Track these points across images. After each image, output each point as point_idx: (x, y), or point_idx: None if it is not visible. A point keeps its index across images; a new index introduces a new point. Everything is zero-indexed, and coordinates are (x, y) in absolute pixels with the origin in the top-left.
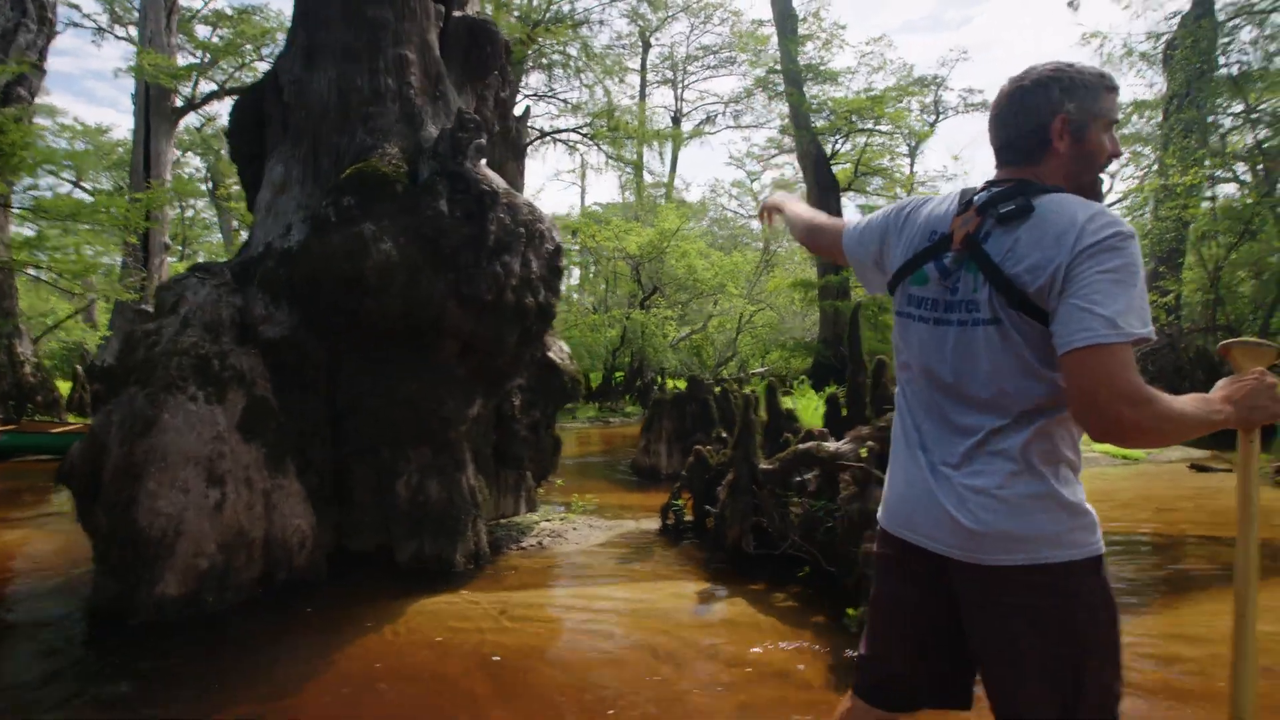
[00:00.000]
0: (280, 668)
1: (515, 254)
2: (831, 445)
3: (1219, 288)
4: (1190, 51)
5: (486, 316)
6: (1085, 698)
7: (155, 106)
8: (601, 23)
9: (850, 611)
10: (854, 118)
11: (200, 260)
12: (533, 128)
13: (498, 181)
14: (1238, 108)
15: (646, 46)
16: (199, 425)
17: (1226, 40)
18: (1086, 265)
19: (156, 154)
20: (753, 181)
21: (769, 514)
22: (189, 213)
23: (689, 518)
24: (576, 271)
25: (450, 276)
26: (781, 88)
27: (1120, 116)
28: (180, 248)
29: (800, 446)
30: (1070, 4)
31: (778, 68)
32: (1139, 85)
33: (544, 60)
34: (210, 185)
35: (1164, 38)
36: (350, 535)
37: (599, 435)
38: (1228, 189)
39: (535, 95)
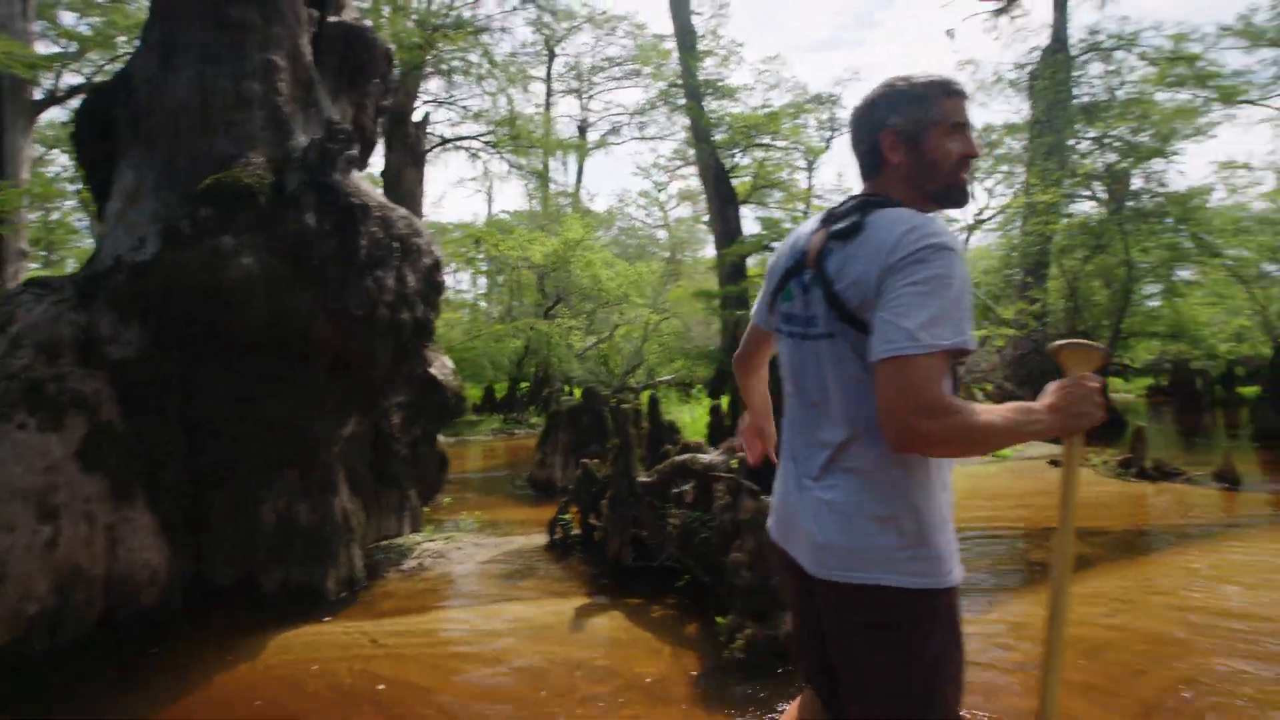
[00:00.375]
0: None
1: (389, 268)
2: (705, 457)
3: (1077, 297)
4: (1049, 81)
5: (359, 332)
6: None
7: (10, 98)
8: (504, 30)
9: (719, 620)
10: (751, 133)
11: (71, 268)
12: (433, 134)
13: (372, 194)
14: (1092, 133)
15: (552, 56)
16: (29, 456)
17: (1079, 73)
18: (896, 278)
19: (12, 150)
20: (659, 191)
21: (648, 526)
22: (55, 215)
23: (576, 532)
24: (483, 281)
25: (318, 291)
26: (682, 101)
27: (969, 119)
28: (44, 254)
29: (676, 459)
30: (948, 32)
31: (679, 82)
32: (1008, 111)
33: (443, 66)
34: (80, 186)
35: (1028, 68)
36: (211, 566)
37: (504, 448)
38: (1086, 206)
39: (436, 102)
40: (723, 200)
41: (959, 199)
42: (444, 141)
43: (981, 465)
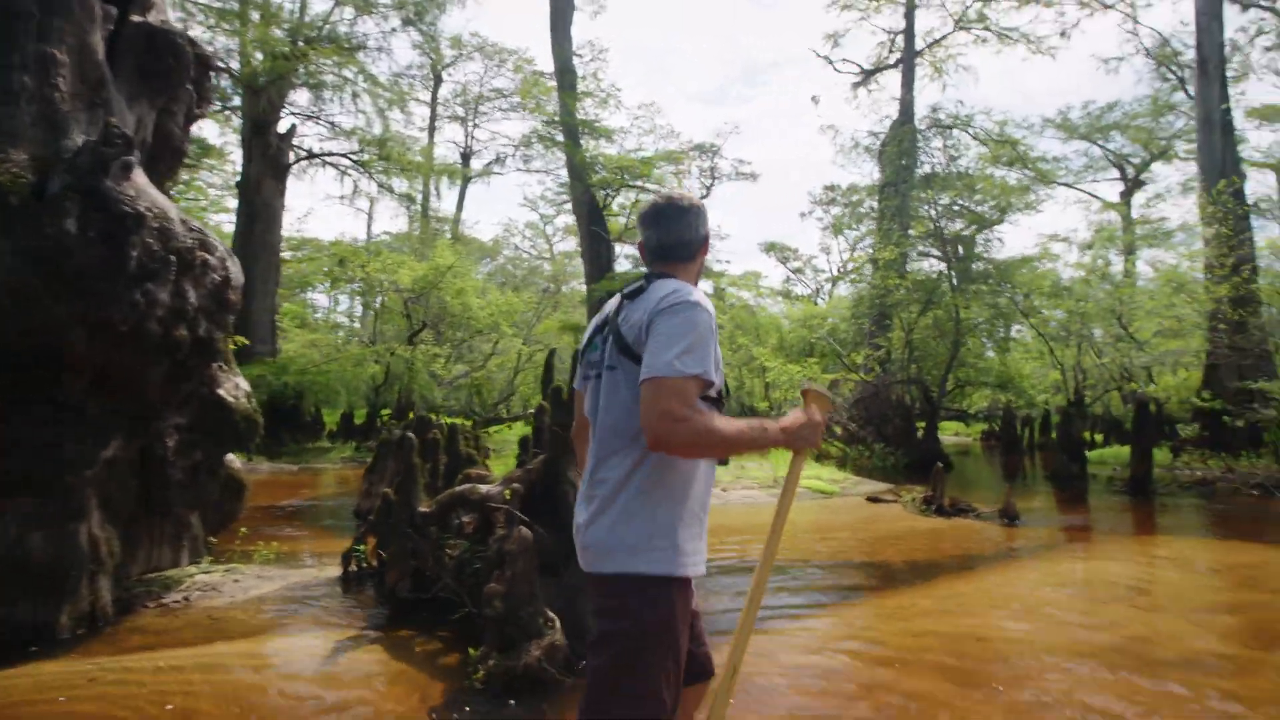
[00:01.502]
0: None
1: (164, 282)
2: (485, 488)
3: (912, 346)
4: (896, 150)
5: (124, 348)
6: (616, 702)
7: None
8: (382, 50)
9: (472, 651)
10: (624, 174)
11: None
12: (300, 148)
13: (152, 204)
14: (944, 199)
15: (438, 80)
16: None
17: (922, 144)
18: (659, 322)
19: None
20: (545, 225)
21: (425, 557)
22: None
23: (373, 563)
24: (351, 304)
25: (78, 303)
26: (560, 138)
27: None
28: None
29: (456, 489)
30: (813, 98)
31: (556, 119)
32: (861, 175)
33: (313, 80)
34: None
35: (880, 136)
36: None
37: (355, 476)
38: (926, 264)
39: (304, 115)
40: (595, 237)
41: (697, 279)
42: (310, 156)
43: (810, 500)
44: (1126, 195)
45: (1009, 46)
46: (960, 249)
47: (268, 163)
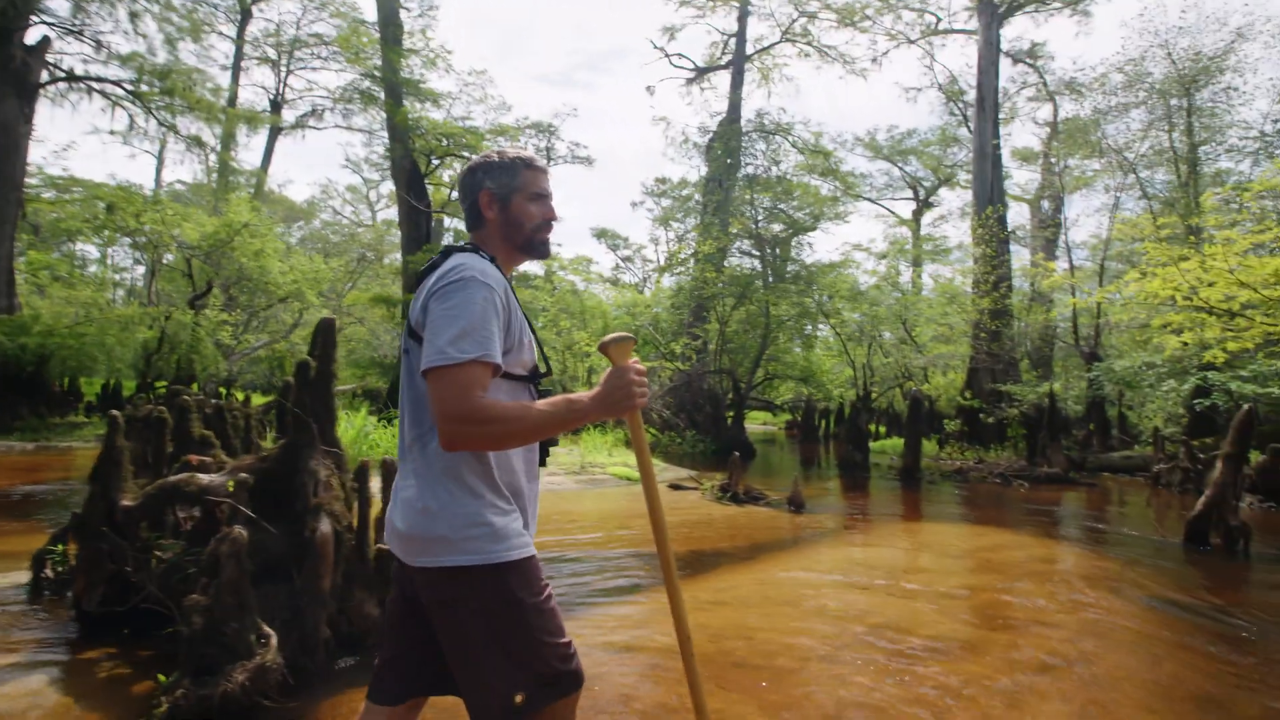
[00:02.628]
0: None
1: None
2: (206, 477)
3: (726, 338)
4: (723, 148)
5: None
6: (491, 694)
7: None
8: None
9: (162, 678)
10: (448, 141)
11: None
12: (58, 67)
13: None
14: (767, 202)
15: (246, 14)
16: None
17: (747, 146)
18: (433, 305)
19: None
20: (368, 190)
21: (128, 560)
22: None
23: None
24: (128, 258)
25: None
26: (381, 95)
27: (549, 190)
28: None
29: (169, 479)
30: (648, 88)
31: (378, 74)
32: (690, 169)
33: None
34: None
35: (710, 133)
36: None
37: None
38: (744, 261)
39: (64, 29)
40: (414, 205)
41: (542, 252)
42: (71, 78)
43: (615, 487)
44: (918, 214)
45: (828, 64)
46: (777, 250)
47: (8, 77)
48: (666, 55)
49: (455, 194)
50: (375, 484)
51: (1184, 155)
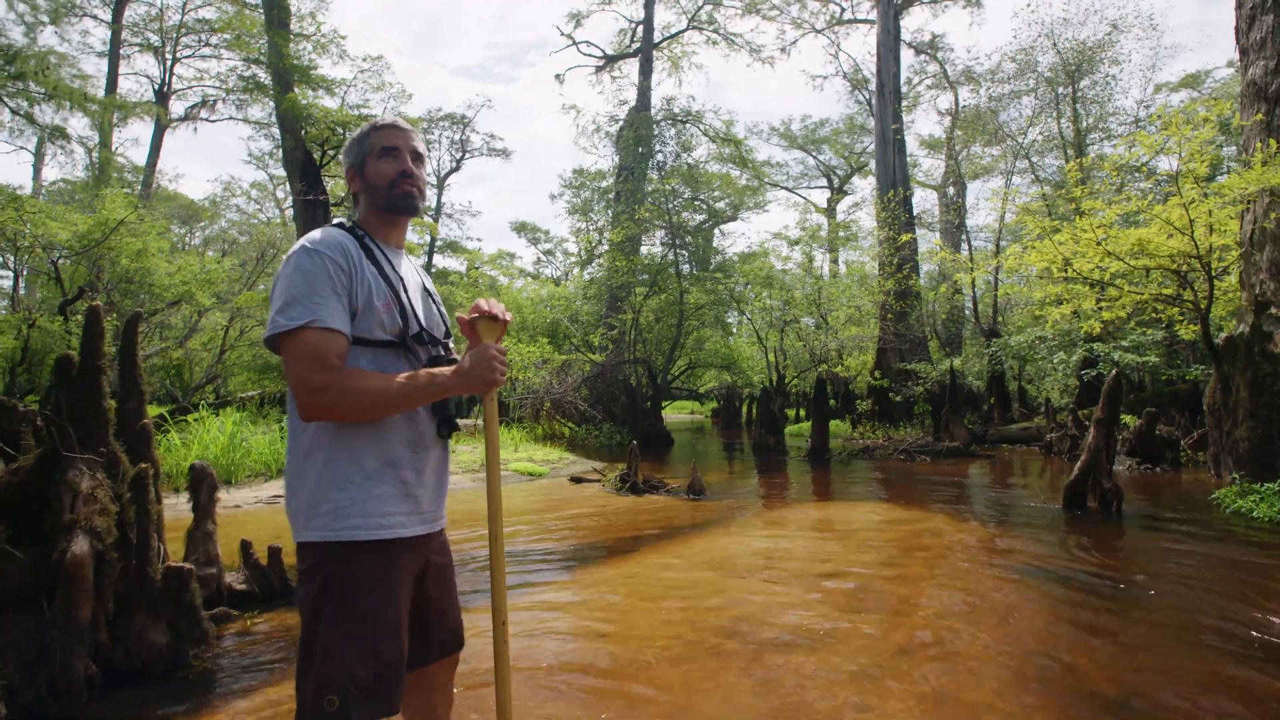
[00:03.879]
0: None
1: None
2: None
3: (640, 327)
4: (633, 136)
5: None
6: (310, 676)
7: None
8: None
9: None
10: (344, 131)
11: None
12: None
13: None
14: (681, 191)
15: None
16: None
17: (657, 134)
18: (277, 279)
19: None
20: (276, 187)
21: None
22: None
23: None
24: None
25: None
26: (269, 82)
27: (400, 144)
28: None
29: None
30: (557, 77)
31: (263, 60)
32: (602, 158)
33: None
34: None
35: (619, 121)
36: None
37: None
38: (657, 249)
39: None
40: (309, 200)
41: (404, 205)
42: None
43: (516, 484)
44: (832, 202)
45: (736, 52)
46: (695, 240)
47: None
48: (575, 43)
49: None
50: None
51: (1071, 141)
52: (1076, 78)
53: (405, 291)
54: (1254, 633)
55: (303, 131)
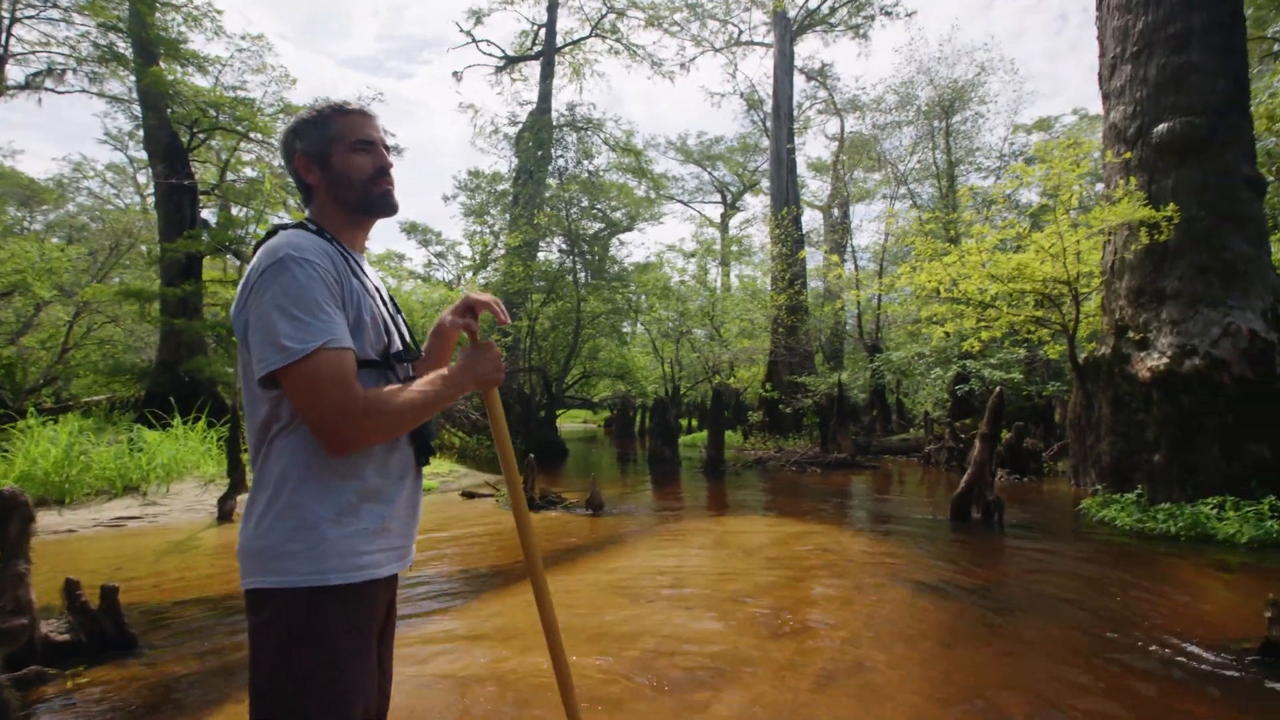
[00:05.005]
0: None
1: None
2: None
3: (536, 335)
4: (533, 139)
5: None
6: None
7: None
8: None
9: None
10: (215, 113)
11: None
12: None
13: None
14: (580, 200)
15: None
16: None
17: (558, 139)
18: (252, 304)
19: None
20: (137, 170)
21: None
22: None
23: None
24: None
25: None
26: (129, 53)
27: (375, 136)
28: None
29: None
30: (455, 75)
31: (123, 26)
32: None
33: None
34: None
35: (519, 123)
36: None
37: None
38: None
39: None
40: (174, 185)
41: (385, 205)
42: None
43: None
44: (725, 217)
45: (638, 63)
46: (591, 249)
47: None
48: (474, 41)
49: (228, 174)
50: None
51: (944, 171)
52: (950, 113)
53: (384, 304)
54: (1149, 648)
55: (169, 110)
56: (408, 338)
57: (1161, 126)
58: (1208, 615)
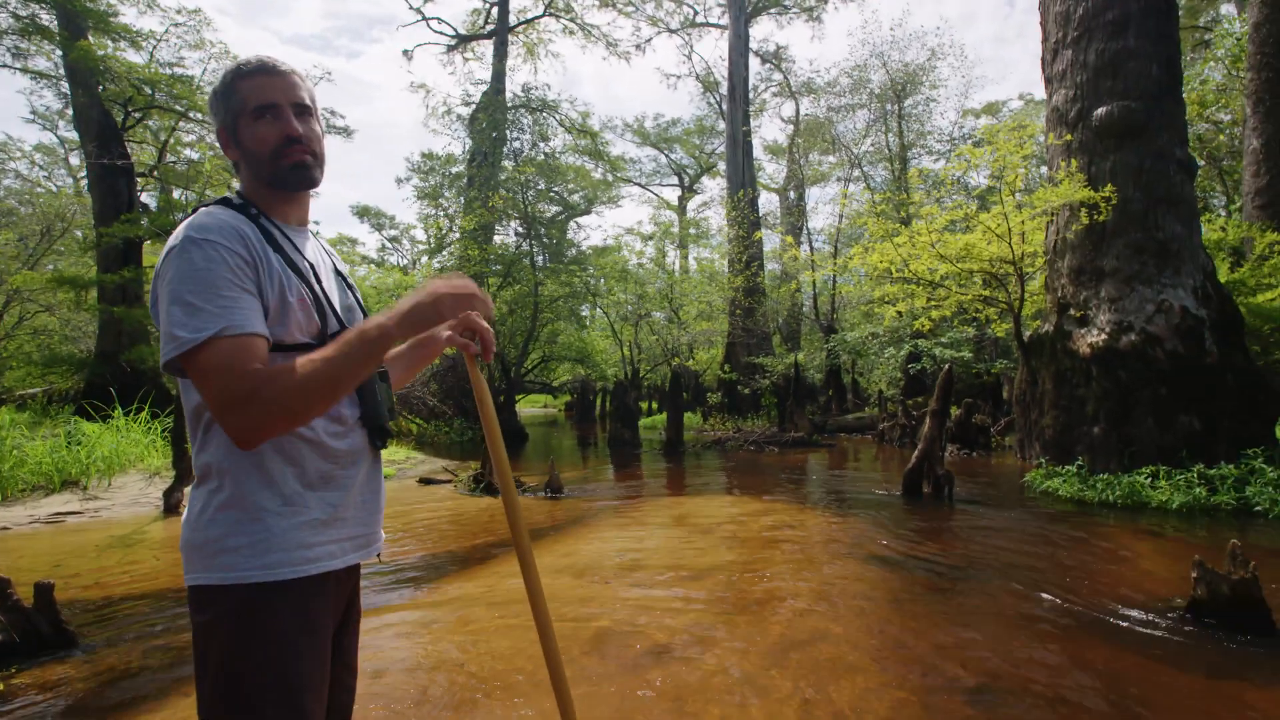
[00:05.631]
0: None
1: None
2: None
3: (493, 319)
4: (487, 120)
5: None
6: None
7: None
8: None
9: None
10: (153, 91)
11: None
12: None
13: None
14: (536, 182)
15: None
16: None
17: (512, 119)
18: (160, 286)
19: None
20: (69, 152)
21: None
22: None
23: None
24: None
25: None
26: (53, 26)
27: (278, 99)
28: None
29: None
30: (405, 52)
31: None
32: (455, 140)
33: None
34: None
35: (473, 103)
36: None
37: None
38: (510, 238)
39: None
40: (107, 165)
41: (298, 179)
42: None
43: None
44: (683, 200)
45: (593, 44)
46: (549, 232)
47: None
48: (425, 19)
49: (168, 155)
50: None
51: (896, 154)
52: (902, 97)
53: (319, 281)
54: (1088, 611)
55: (100, 88)
56: (352, 314)
57: (1100, 110)
58: (1141, 578)
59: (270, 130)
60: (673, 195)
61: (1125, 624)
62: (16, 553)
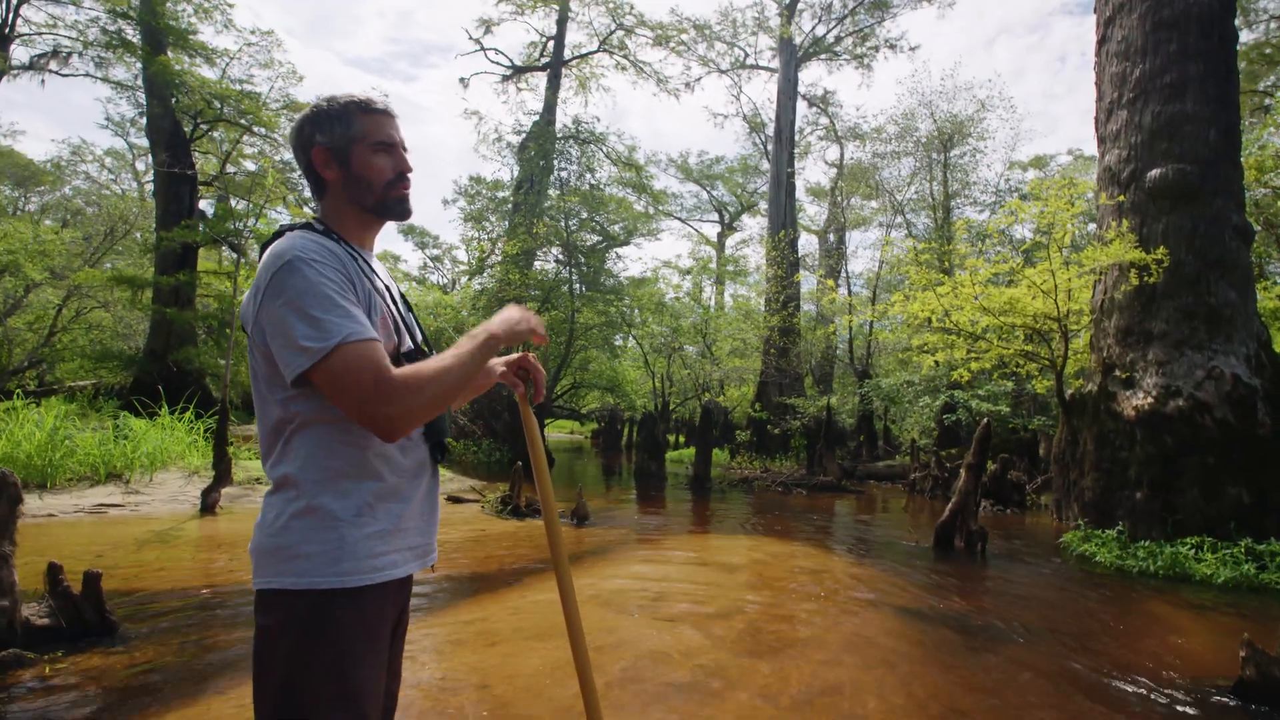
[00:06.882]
0: None
1: None
2: None
3: (528, 343)
4: (536, 149)
5: None
6: None
7: None
8: None
9: None
10: (219, 105)
11: None
12: None
13: None
14: (578, 211)
15: None
16: None
17: (561, 150)
18: (268, 306)
19: None
20: (136, 157)
21: None
22: None
23: None
24: None
25: None
26: (136, 40)
27: (397, 138)
28: None
29: None
30: (461, 80)
31: (134, 14)
32: (503, 167)
33: None
34: None
35: (523, 133)
36: None
37: None
38: (556, 268)
39: None
40: (174, 174)
41: (401, 211)
42: None
43: None
44: (722, 236)
45: (644, 80)
46: (588, 260)
47: None
48: (483, 49)
49: (229, 166)
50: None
51: (940, 202)
52: (949, 146)
53: (395, 303)
54: (1124, 685)
55: (174, 100)
56: (420, 338)
57: (1154, 172)
58: (1182, 653)
59: (388, 164)
60: (712, 231)
61: (1165, 700)
62: (61, 540)
